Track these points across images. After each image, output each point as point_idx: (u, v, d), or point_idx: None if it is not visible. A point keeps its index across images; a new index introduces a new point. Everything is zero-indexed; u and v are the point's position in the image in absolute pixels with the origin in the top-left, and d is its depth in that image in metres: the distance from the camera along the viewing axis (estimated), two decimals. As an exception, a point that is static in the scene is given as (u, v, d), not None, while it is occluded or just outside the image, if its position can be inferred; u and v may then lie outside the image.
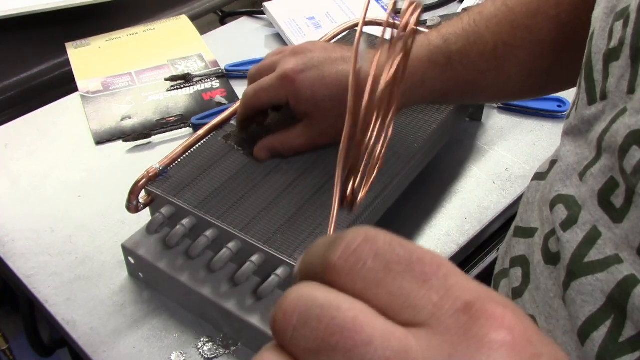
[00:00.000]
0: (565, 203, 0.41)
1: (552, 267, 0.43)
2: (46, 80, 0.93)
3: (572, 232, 0.40)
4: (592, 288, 0.37)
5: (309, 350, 0.20)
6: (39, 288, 0.62)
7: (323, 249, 0.22)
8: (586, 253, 0.38)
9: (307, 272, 0.23)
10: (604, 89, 0.40)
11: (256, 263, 0.53)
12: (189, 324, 0.59)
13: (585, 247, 0.38)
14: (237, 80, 0.87)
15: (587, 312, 0.37)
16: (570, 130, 0.44)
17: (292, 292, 0.22)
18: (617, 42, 0.38)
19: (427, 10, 1.01)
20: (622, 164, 0.36)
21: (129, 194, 0.57)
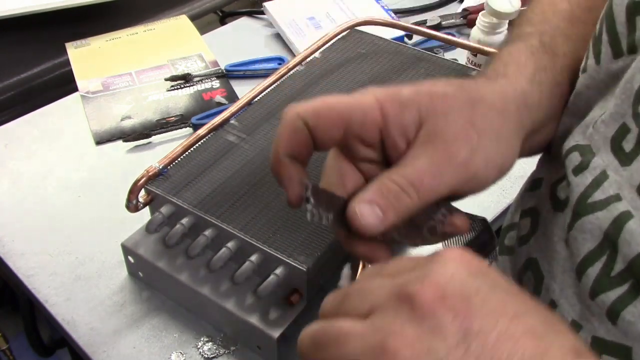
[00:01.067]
0: (580, 150, 0.41)
1: (559, 213, 0.43)
2: (46, 80, 0.93)
3: (583, 176, 0.40)
4: (591, 226, 0.38)
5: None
6: (39, 288, 0.62)
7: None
8: (591, 194, 0.39)
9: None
10: (631, 42, 0.39)
11: (255, 262, 0.53)
12: (189, 324, 0.59)
13: (591, 189, 0.39)
14: (237, 80, 0.87)
15: (586, 250, 0.38)
16: (592, 84, 0.43)
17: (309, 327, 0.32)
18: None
19: (427, 10, 1.01)
20: (636, 109, 0.36)
21: (129, 193, 0.57)
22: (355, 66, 0.72)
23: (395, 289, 0.29)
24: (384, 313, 0.29)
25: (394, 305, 0.28)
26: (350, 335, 0.29)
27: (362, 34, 0.77)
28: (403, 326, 0.27)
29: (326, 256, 0.54)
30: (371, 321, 0.29)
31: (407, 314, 0.28)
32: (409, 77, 0.70)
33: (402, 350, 0.27)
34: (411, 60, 0.73)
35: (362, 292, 0.31)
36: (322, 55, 0.74)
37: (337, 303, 0.32)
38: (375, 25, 0.80)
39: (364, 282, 0.32)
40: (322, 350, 0.30)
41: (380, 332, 0.28)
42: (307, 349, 0.31)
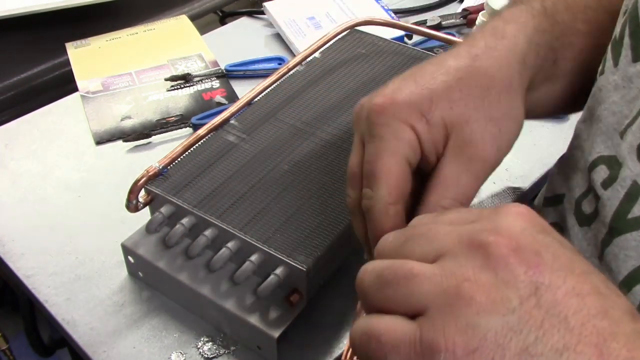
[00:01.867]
0: (606, 162, 0.41)
1: (586, 227, 0.43)
2: (46, 80, 0.93)
3: (613, 189, 0.40)
4: (636, 243, 0.38)
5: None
6: (39, 288, 0.62)
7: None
8: (629, 209, 0.39)
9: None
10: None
11: (255, 262, 0.53)
12: (189, 324, 0.59)
13: (627, 203, 0.39)
14: (237, 80, 0.87)
15: (630, 267, 0.39)
16: (607, 86, 0.43)
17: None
18: None
19: (427, 10, 1.01)
20: None
21: (129, 193, 0.57)
22: (355, 66, 0.72)
23: (466, 237, 0.29)
24: (456, 259, 0.29)
25: (465, 252, 0.29)
26: (422, 277, 0.29)
27: (362, 34, 0.77)
28: (477, 273, 0.28)
29: (326, 256, 0.54)
30: (441, 265, 0.29)
31: (481, 262, 0.28)
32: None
33: (477, 297, 0.27)
34: (411, 60, 0.73)
35: (427, 237, 0.31)
36: (322, 55, 0.74)
37: (399, 244, 0.32)
38: (375, 25, 0.80)
39: (429, 226, 0.32)
40: (389, 287, 0.30)
41: (454, 277, 0.28)
42: (370, 285, 0.31)
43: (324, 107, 0.67)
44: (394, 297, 0.30)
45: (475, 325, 0.27)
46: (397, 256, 0.31)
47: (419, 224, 0.34)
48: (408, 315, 0.29)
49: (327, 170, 0.60)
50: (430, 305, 0.28)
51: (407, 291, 0.29)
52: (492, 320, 0.27)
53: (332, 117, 0.66)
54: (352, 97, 0.68)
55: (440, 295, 0.28)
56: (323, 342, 0.58)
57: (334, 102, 0.68)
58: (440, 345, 0.27)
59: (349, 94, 0.68)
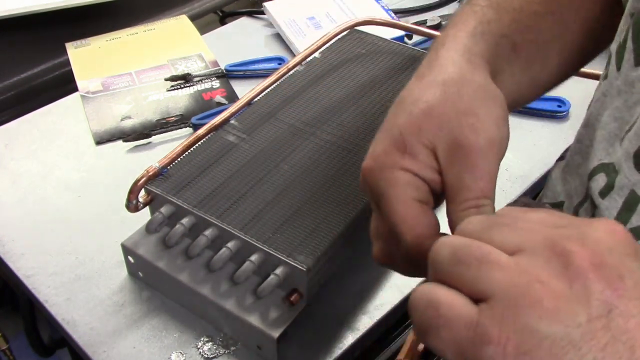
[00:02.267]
0: (605, 170, 0.41)
1: None
2: (46, 80, 0.93)
3: (610, 198, 0.39)
4: None
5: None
6: (39, 288, 0.62)
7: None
8: (628, 219, 0.38)
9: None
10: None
11: (255, 262, 0.53)
12: (189, 324, 0.59)
13: (625, 213, 0.38)
14: (237, 80, 0.87)
15: None
16: (610, 91, 0.43)
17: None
18: None
19: (427, 10, 1.01)
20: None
21: (129, 193, 0.57)
22: (355, 66, 0.72)
23: (551, 239, 0.28)
24: (534, 258, 0.28)
25: (546, 254, 0.28)
26: (495, 264, 0.28)
27: (362, 34, 0.77)
28: (551, 279, 0.27)
29: (326, 256, 0.54)
30: (518, 260, 0.28)
31: (559, 269, 0.27)
32: (409, 77, 0.70)
33: (545, 301, 0.27)
34: (411, 60, 0.73)
35: (512, 228, 0.30)
36: (322, 55, 0.74)
37: (482, 228, 0.31)
38: (375, 25, 0.80)
39: (514, 218, 0.31)
40: (462, 265, 0.29)
41: (527, 274, 0.27)
42: (444, 259, 0.30)
43: (324, 107, 0.67)
44: (464, 276, 0.29)
45: (534, 328, 0.26)
46: (478, 238, 0.30)
47: (507, 214, 0.32)
48: (473, 298, 0.28)
49: (327, 170, 0.60)
50: (496, 294, 0.27)
51: (477, 274, 0.28)
52: (553, 329, 0.26)
53: (332, 117, 0.66)
54: (352, 97, 0.68)
55: (509, 288, 0.27)
56: (323, 342, 0.58)
57: (334, 102, 0.68)
58: (493, 337, 0.27)
59: (349, 94, 0.68)
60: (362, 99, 0.68)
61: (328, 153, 0.62)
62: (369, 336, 0.59)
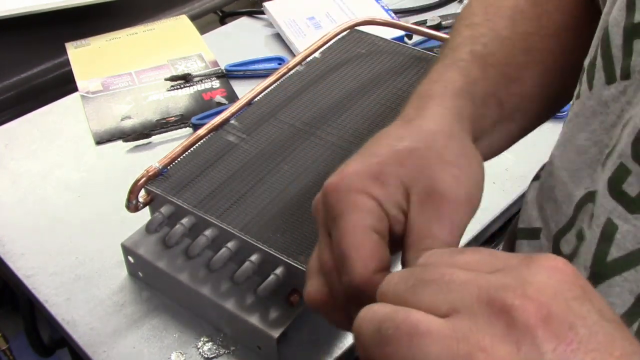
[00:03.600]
0: (592, 200, 0.39)
1: None
2: (46, 80, 0.93)
3: (591, 229, 0.37)
4: (620, 289, 0.35)
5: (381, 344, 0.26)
6: (39, 288, 0.62)
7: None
8: (607, 250, 0.36)
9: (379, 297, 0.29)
10: (626, 67, 0.37)
11: (255, 262, 0.53)
12: (189, 324, 0.59)
13: (604, 243, 0.36)
14: (237, 80, 0.87)
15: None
16: (584, 111, 0.41)
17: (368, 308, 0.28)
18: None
19: (427, 10, 1.01)
20: (637, 149, 0.34)
21: (129, 193, 0.57)
22: (355, 66, 0.72)
23: (485, 292, 0.25)
24: (471, 319, 0.25)
25: (484, 312, 0.25)
26: (429, 336, 0.25)
27: (362, 34, 0.77)
28: (495, 343, 0.24)
29: (326, 256, 0.54)
30: (454, 324, 0.25)
31: (502, 330, 0.24)
32: (408, 77, 0.70)
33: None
34: (411, 60, 0.73)
35: (440, 284, 0.27)
36: (322, 55, 0.74)
37: (407, 288, 0.27)
38: (375, 25, 0.80)
39: (443, 271, 0.27)
40: (390, 345, 0.25)
41: (467, 342, 0.24)
42: (369, 338, 0.27)
43: (324, 107, 0.67)
44: (393, 356, 0.25)
45: None
46: (403, 302, 0.27)
47: (431, 265, 0.29)
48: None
49: (327, 170, 0.60)
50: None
51: (409, 353, 0.25)
52: None
53: (332, 117, 0.66)
54: (352, 97, 0.68)
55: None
56: (323, 342, 0.58)
57: (334, 102, 0.67)
58: None
59: (349, 94, 0.68)
60: (362, 99, 0.68)
61: (328, 153, 0.62)
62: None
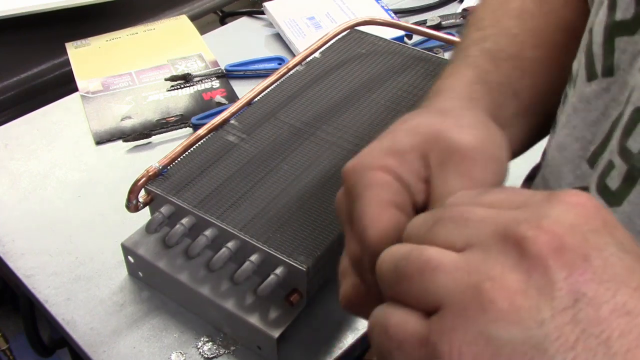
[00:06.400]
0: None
1: None
2: (46, 80, 0.93)
3: None
4: None
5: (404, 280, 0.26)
6: (39, 288, 0.62)
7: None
8: None
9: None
10: (609, 65, 0.37)
11: (255, 262, 0.53)
12: (189, 324, 0.59)
13: None
14: (237, 80, 0.87)
15: None
16: (569, 110, 0.41)
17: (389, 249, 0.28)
18: (631, 14, 0.35)
19: (427, 10, 1.01)
20: (624, 144, 0.34)
21: (129, 193, 0.57)
22: (355, 66, 0.72)
23: (502, 227, 0.25)
24: (485, 252, 0.25)
25: (497, 245, 0.24)
26: (440, 269, 0.25)
27: (362, 34, 0.77)
28: (505, 273, 0.24)
29: (326, 256, 0.54)
30: (467, 257, 0.25)
31: (513, 260, 0.24)
32: (408, 77, 0.70)
33: (499, 301, 0.23)
34: (411, 60, 0.73)
35: (459, 221, 0.26)
36: (322, 55, 0.74)
37: (428, 227, 0.28)
38: (376, 25, 0.80)
39: (462, 209, 0.27)
40: (405, 281, 0.26)
41: (477, 273, 0.24)
42: (388, 276, 0.27)
43: (324, 107, 0.67)
44: (410, 291, 0.26)
45: (489, 336, 0.23)
46: (421, 241, 0.27)
47: (453, 204, 0.29)
48: (425, 311, 0.25)
49: (327, 170, 0.60)
50: (445, 303, 0.24)
51: (422, 286, 0.25)
52: (512, 333, 0.23)
53: (332, 117, 0.66)
54: (352, 97, 0.68)
55: (457, 293, 0.24)
56: (323, 342, 0.58)
57: (334, 102, 0.68)
58: (443, 353, 0.23)
59: (349, 94, 0.68)
60: (362, 99, 0.68)
61: (328, 153, 0.62)
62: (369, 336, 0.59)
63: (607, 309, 0.23)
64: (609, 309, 0.23)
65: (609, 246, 0.24)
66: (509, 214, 0.25)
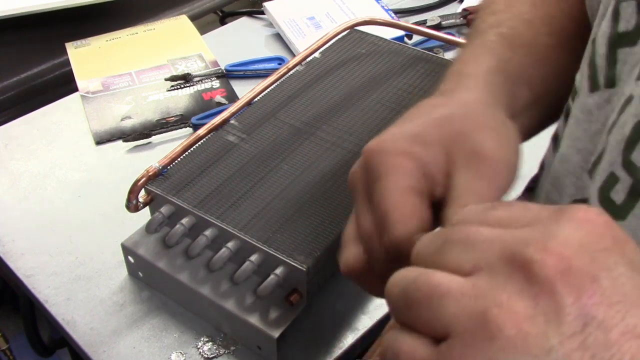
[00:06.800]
0: None
1: None
2: (46, 80, 0.93)
3: None
4: None
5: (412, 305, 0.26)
6: (39, 288, 0.62)
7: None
8: None
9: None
10: (611, 76, 0.37)
11: (255, 262, 0.53)
12: (189, 324, 0.59)
13: None
14: (237, 80, 0.87)
15: None
16: (571, 120, 0.41)
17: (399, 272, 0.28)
18: (633, 26, 0.35)
19: (427, 10, 1.01)
20: (628, 157, 0.34)
21: (129, 193, 0.57)
22: (355, 66, 0.72)
23: (508, 250, 0.25)
24: (491, 276, 0.24)
25: (504, 269, 0.24)
26: (447, 295, 0.25)
27: (362, 34, 0.77)
28: (512, 298, 0.23)
29: (326, 256, 0.54)
30: (474, 282, 0.25)
31: (520, 285, 0.24)
32: (408, 77, 0.70)
33: (506, 329, 0.23)
34: (411, 60, 0.73)
35: (466, 243, 0.26)
36: (322, 55, 0.74)
37: (435, 250, 0.28)
38: (376, 25, 0.80)
39: (470, 230, 0.27)
40: (415, 307, 0.26)
41: (484, 298, 0.24)
42: (397, 302, 0.27)
43: (324, 107, 0.67)
44: (420, 318, 0.26)
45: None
46: (429, 264, 0.27)
47: (461, 224, 0.29)
48: (435, 338, 0.25)
49: (327, 170, 0.60)
50: (454, 331, 0.24)
51: (431, 313, 0.25)
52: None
53: (332, 117, 0.66)
54: (352, 97, 0.68)
55: (465, 321, 0.24)
56: (323, 342, 0.58)
57: (334, 102, 0.68)
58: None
59: (349, 94, 0.68)
60: (362, 99, 0.68)
61: (328, 153, 0.62)
62: (369, 336, 0.59)
63: (617, 332, 0.22)
64: (619, 332, 0.22)
65: (619, 266, 0.24)
66: (516, 235, 0.25)
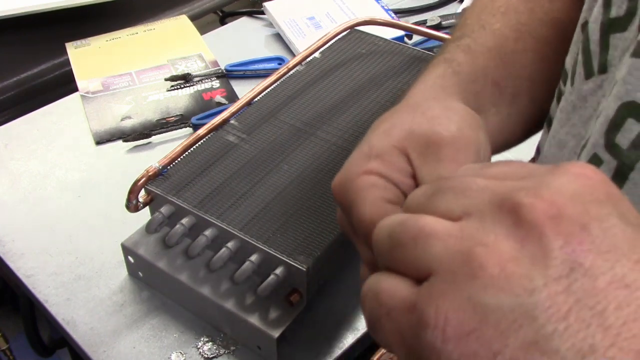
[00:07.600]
0: None
1: None
2: (46, 80, 0.93)
3: None
4: None
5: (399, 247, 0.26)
6: (39, 288, 0.62)
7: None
8: None
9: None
10: (603, 62, 0.37)
11: (255, 262, 0.53)
12: (189, 324, 0.59)
13: None
14: (237, 80, 0.87)
15: None
16: (566, 107, 0.41)
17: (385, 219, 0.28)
18: (624, 11, 0.35)
19: (427, 10, 1.01)
20: (612, 139, 0.34)
21: (129, 193, 0.57)
22: (355, 66, 0.72)
23: (499, 196, 0.24)
24: (480, 220, 0.24)
25: (493, 213, 0.24)
26: (433, 236, 0.24)
27: (362, 34, 0.77)
28: (499, 239, 0.23)
29: (326, 256, 0.54)
30: (461, 225, 0.24)
31: (508, 227, 0.23)
32: (408, 77, 0.70)
33: (489, 267, 0.22)
34: (411, 60, 0.73)
35: (458, 190, 0.26)
36: (322, 55, 0.74)
37: (427, 197, 0.27)
38: (376, 25, 0.80)
39: (463, 179, 0.26)
40: (399, 247, 0.25)
41: (469, 239, 0.23)
42: (382, 244, 0.27)
43: (324, 107, 0.67)
44: (404, 258, 0.25)
45: (476, 302, 0.22)
46: (420, 210, 0.27)
47: (458, 175, 0.28)
48: (417, 279, 0.25)
49: (327, 170, 0.60)
50: (436, 270, 0.24)
51: (415, 253, 0.25)
52: (500, 299, 0.22)
53: (332, 117, 0.66)
54: (352, 97, 0.68)
55: (448, 260, 0.23)
56: (323, 342, 0.58)
57: (334, 102, 0.68)
58: (429, 319, 0.23)
59: (349, 94, 0.68)
60: (362, 99, 0.68)
61: (328, 153, 0.62)
62: (369, 336, 0.59)
63: (604, 280, 0.22)
64: (606, 281, 0.22)
65: (611, 217, 0.23)
66: (510, 184, 0.25)
